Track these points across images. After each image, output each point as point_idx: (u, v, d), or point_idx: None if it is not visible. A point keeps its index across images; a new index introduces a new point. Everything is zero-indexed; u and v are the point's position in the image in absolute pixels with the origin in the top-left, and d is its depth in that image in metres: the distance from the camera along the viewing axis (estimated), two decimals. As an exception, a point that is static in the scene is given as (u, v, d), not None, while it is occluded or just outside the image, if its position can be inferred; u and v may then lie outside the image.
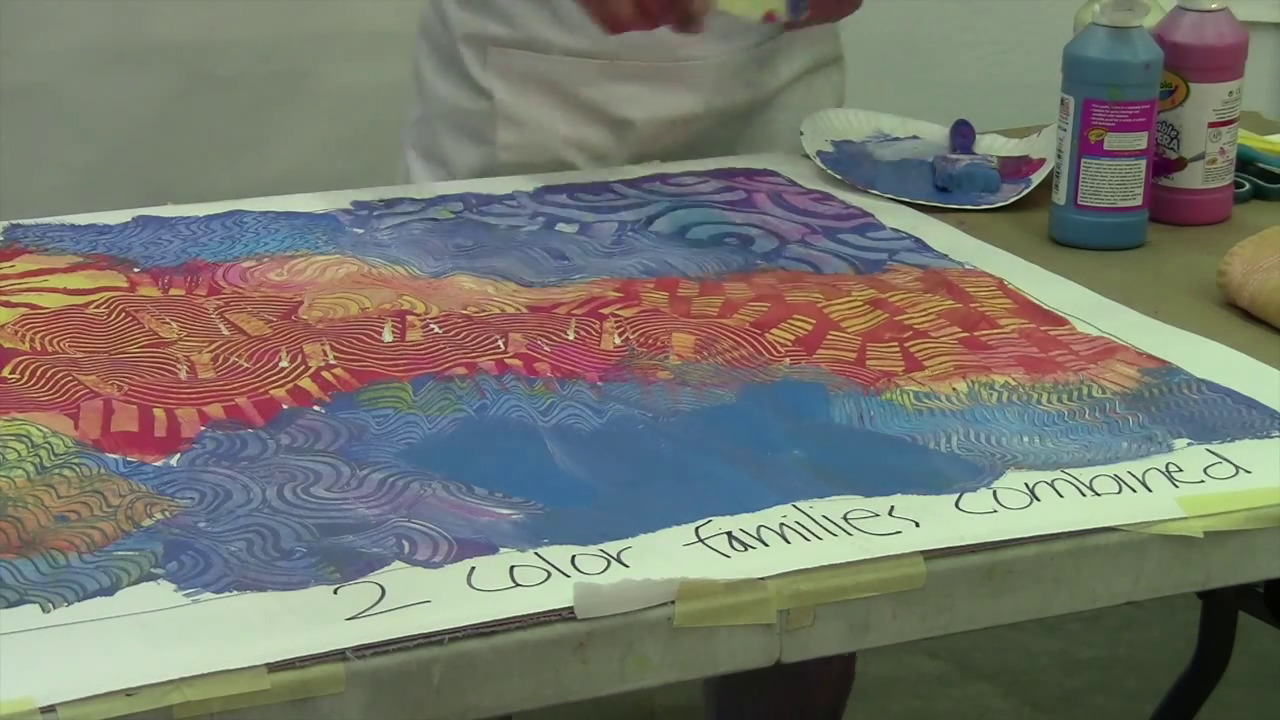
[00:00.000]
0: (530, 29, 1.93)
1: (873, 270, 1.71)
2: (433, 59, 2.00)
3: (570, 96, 1.94)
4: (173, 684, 1.10)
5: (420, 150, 2.00)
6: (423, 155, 2.00)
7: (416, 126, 2.02)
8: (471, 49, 1.95)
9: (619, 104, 1.94)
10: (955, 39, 3.48)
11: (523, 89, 1.94)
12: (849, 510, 1.30)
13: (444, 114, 1.98)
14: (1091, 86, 1.78)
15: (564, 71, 1.93)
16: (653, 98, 1.94)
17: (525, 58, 1.93)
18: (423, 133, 2.00)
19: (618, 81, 1.93)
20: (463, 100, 1.96)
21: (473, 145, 1.96)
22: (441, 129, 1.98)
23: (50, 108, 3.26)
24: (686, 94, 1.95)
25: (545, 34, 1.92)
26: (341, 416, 1.42)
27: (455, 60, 1.96)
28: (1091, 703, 2.90)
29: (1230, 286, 1.66)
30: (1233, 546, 1.32)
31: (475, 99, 1.95)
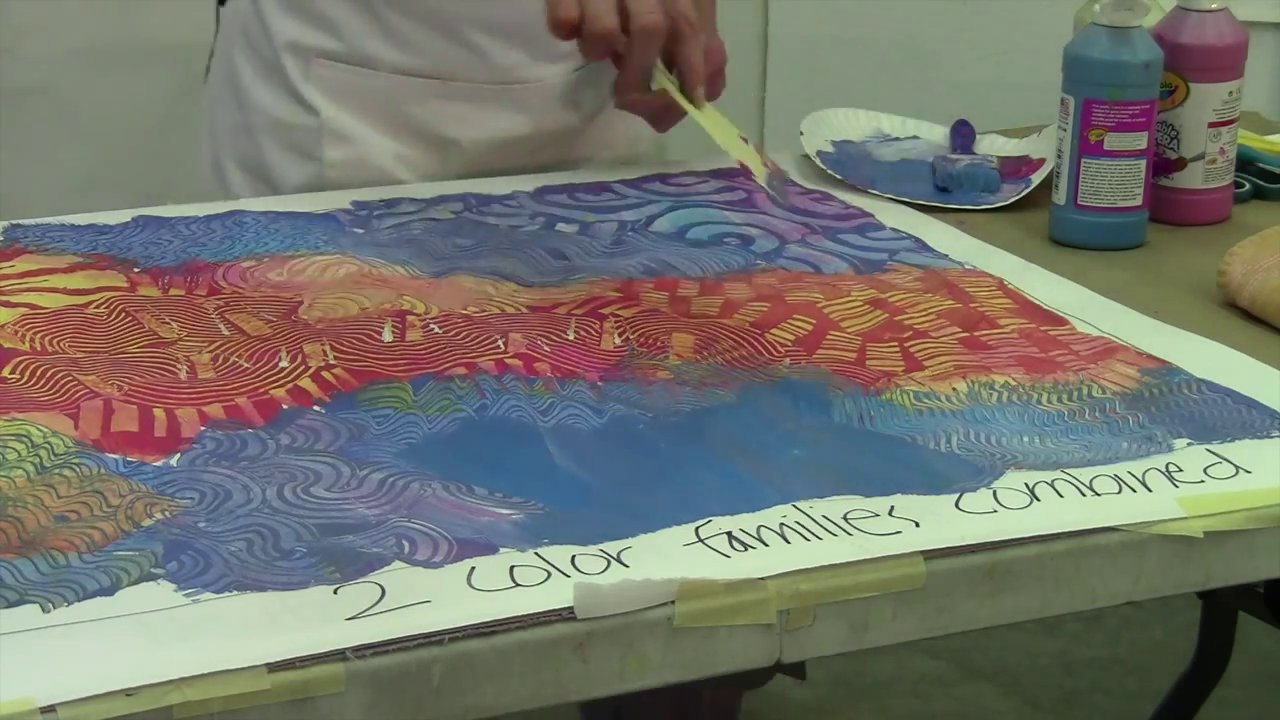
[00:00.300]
0: (358, 44, 1.86)
1: (873, 270, 1.71)
2: (252, 65, 1.91)
3: (397, 114, 1.88)
4: (173, 684, 1.10)
5: (239, 161, 1.92)
6: (242, 167, 1.92)
7: (234, 135, 1.92)
8: (294, 59, 1.88)
9: (446, 124, 1.89)
10: (955, 39, 3.48)
11: (348, 105, 1.87)
12: (849, 510, 1.30)
13: (266, 126, 1.90)
14: (1091, 86, 1.78)
15: (392, 89, 1.87)
16: (481, 118, 1.89)
17: (352, 73, 1.87)
18: (243, 143, 1.92)
19: (446, 101, 1.88)
20: (286, 113, 1.89)
21: (299, 161, 1.89)
22: (265, 142, 1.90)
23: (50, 108, 3.26)
24: (515, 115, 1.91)
25: (374, 50, 1.87)
26: (341, 416, 1.42)
27: (276, 69, 1.89)
28: (1091, 703, 2.90)
29: (1230, 286, 1.66)
30: (1233, 546, 1.32)
31: (300, 113, 1.88)
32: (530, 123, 1.92)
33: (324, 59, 1.87)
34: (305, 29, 1.87)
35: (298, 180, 1.88)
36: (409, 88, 1.88)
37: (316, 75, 1.87)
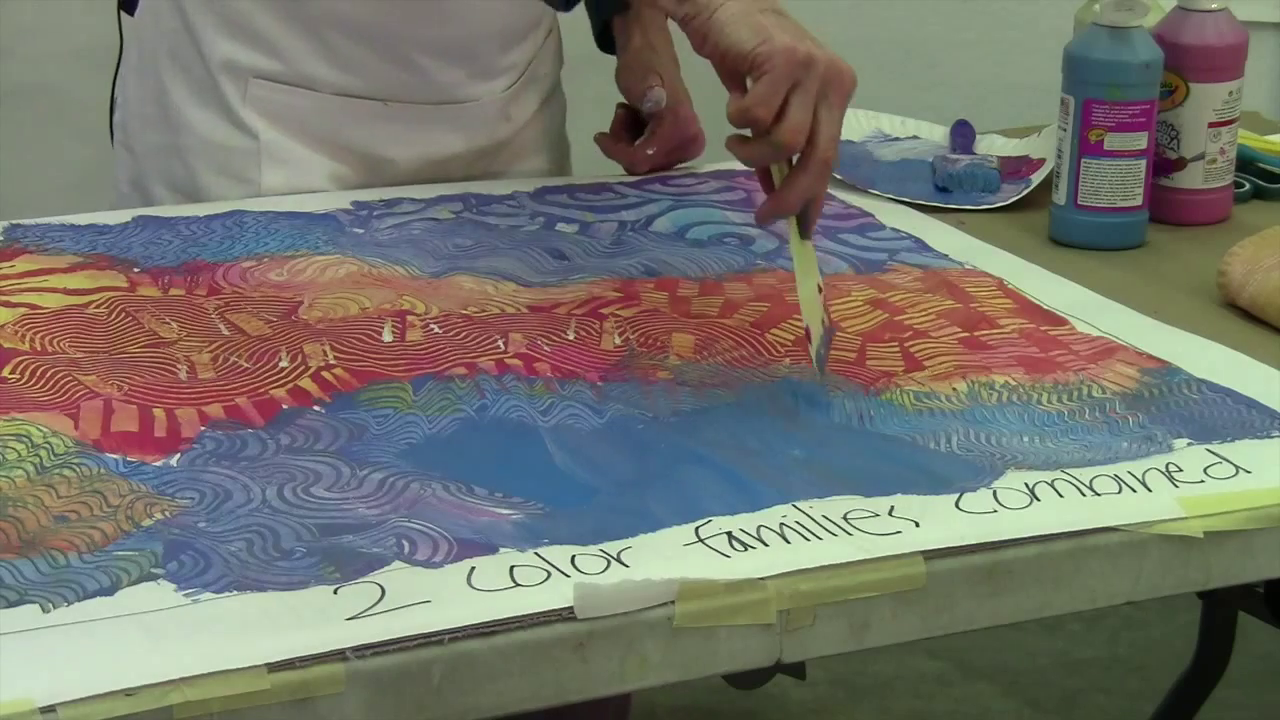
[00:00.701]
0: (299, 65, 1.83)
1: (873, 270, 1.71)
2: (183, 85, 1.85)
3: (336, 135, 1.86)
4: (173, 684, 1.10)
5: (168, 183, 1.87)
6: (171, 188, 1.87)
7: (162, 156, 1.87)
8: (231, 80, 1.83)
9: (384, 143, 1.87)
10: (955, 39, 3.48)
11: (285, 126, 1.84)
12: (849, 510, 1.30)
13: (198, 148, 1.85)
14: (1091, 86, 1.78)
15: (331, 110, 1.85)
16: (417, 137, 1.88)
17: (290, 93, 1.84)
18: (172, 164, 1.87)
19: (385, 121, 1.86)
20: (222, 135, 1.84)
21: (233, 185, 1.85)
22: (197, 164, 1.85)
23: (50, 108, 3.26)
24: (451, 133, 1.89)
25: (315, 71, 1.83)
26: (341, 416, 1.42)
27: (210, 89, 1.84)
28: (1091, 703, 2.90)
29: (1230, 286, 1.66)
30: (1233, 546, 1.32)
31: (236, 135, 1.84)
32: (465, 140, 1.91)
33: (262, 79, 1.83)
34: (243, 49, 1.83)
35: None
36: (349, 108, 1.85)
37: (254, 96, 1.84)
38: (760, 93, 1.44)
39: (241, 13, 1.82)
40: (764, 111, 1.44)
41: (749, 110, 1.44)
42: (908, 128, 2.10)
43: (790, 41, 1.45)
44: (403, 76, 1.85)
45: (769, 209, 1.51)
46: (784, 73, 1.44)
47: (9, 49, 3.20)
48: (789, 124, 1.44)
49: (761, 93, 1.44)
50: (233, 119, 1.84)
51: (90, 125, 3.29)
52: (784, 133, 1.44)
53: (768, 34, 1.45)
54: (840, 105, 1.47)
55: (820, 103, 1.46)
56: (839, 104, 1.47)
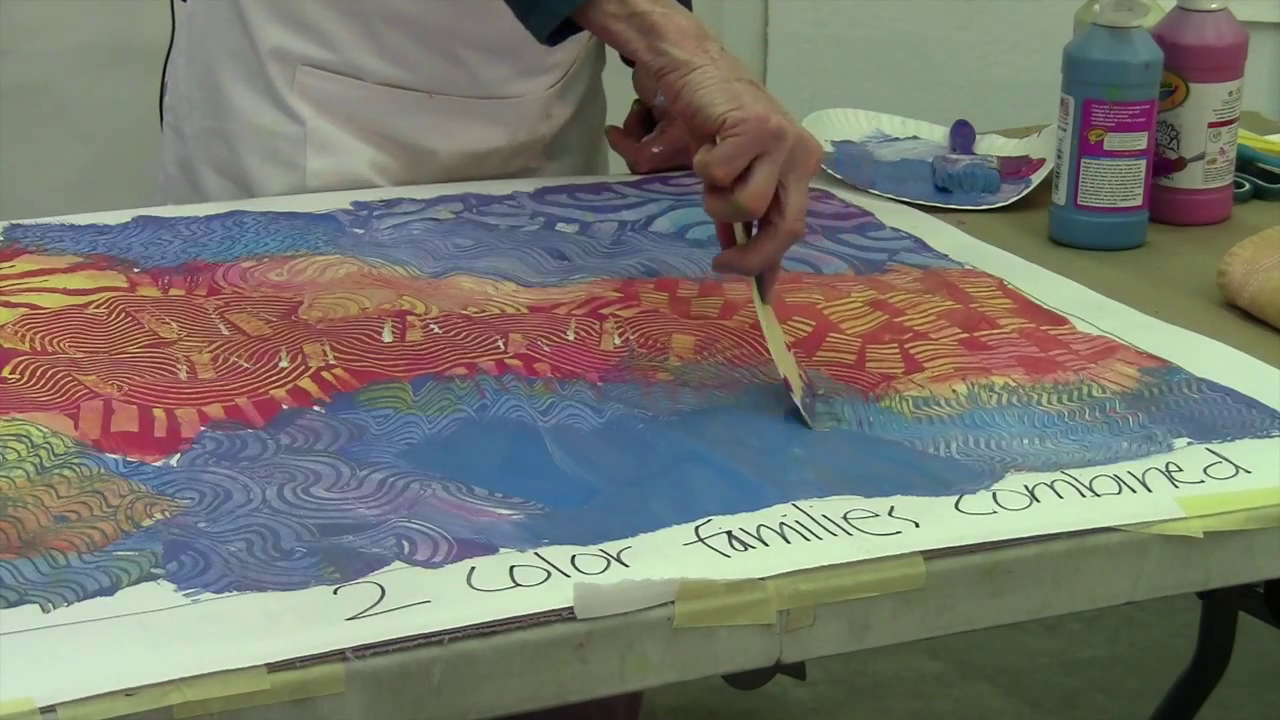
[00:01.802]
0: (348, 54, 1.86)
1: (872, 270, 1.71)
2: (232, 71, 1.88)
3: (380, 125, 1.88)
4: (173, 684, 1.10)
5: (215, 166, 1.90)
6: (219, 172, 1.90)
7: (209, 140, 1.91)
8: (280, 66, 1.86)
9: (426, 135, 1.89)
10: (955, 39, 3.48)
11: (331, 114, 1.87)
12: (849, 510, 1.30)
13: (246, 133, 1.88)
14: (1091, 86, 1.78)
15: (377, 100, 1.87)
16: (459, 130, 1.90)
17: (338, 82, 1.87)
18: (219, 148, 1.90)
19: (430, 114, 1.88)
20: (268, 120, 1.87)
21: (280, 170, 1.88)
22: (244, 149, 1.88)
23: (50, 108, 3.26)
24: (491, 127, 1.91)
25: (364, 61, 1.86)
26: (341, 416, 1.42)
27: (259, 75, 1.87)
28: (1091, 703, 2.90)
29: (1230, 286, 1.66)
30: (1233, 546, 1.32)
31: (283, 121, 1.87)
32: (506, 135, 1.92)
33: (311, 67, 1.86)
34: (293, 37, 1.86)
35: (278, 188, 1.87)
36: (395, 99, 1.87)
37: (302, 83, 1.86)
38: (723, 153, 1.45)
39: (292, 2, 1.85)
40: (722, 171, 1.45)
41: (708, 166, 1.46)
42: (908, 128, 2.10)
43: (763, 111, 1.46)
44: (449, 70, 1.87)
45: (726, 262, 1.52)
46: (752, 139, 1.45)
47: (9, 49, 3.21)
48: (752, 189, 1.45)
49: (724, 153, 1.45)
50: (280, 105, 1.87)
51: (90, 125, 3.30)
52: (746, 196, 1.45)
53: (741, 101, 1.46)
54: (806, 178, 1.48)
55: (789, 174, 1.47)
56: (805, 177, 1.48)
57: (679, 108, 1.49)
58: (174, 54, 1.97)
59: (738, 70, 1.49)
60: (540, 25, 1.61)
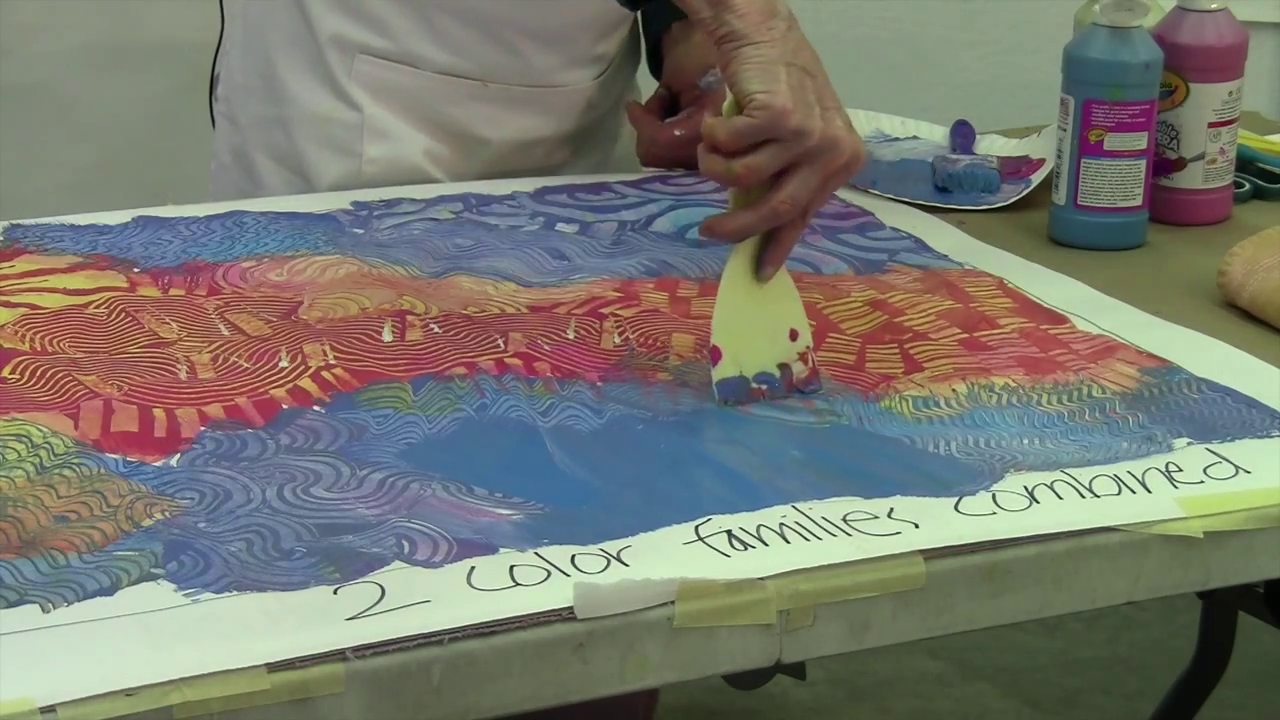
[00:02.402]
0: (406, 43, 1.88)
1: (872, 271, 1.71)
2: (290, 58, 1.91)
3: (434, 113, 1.90)
4: (173, 684, 1.10)
5: (271, 154, 1.93)
6: (274, 159, 1.93)
7: (266, 128, 1.93)
8: (338, 54, 1.89)
9: (477, 123, 1.92)
10: (955, 39, 3.48)
11: (388, 101, 1.89)
12: (848, 512, 1.30)
13: (303, 120, 1.90)
14: (1091, 86, 1.78)
15: (433, 89, 1.90)
16: (510, 119, 1.92)
17: (395, 70, 1.89)
18: (276, 136, 1.92)
19: (483, 102, 1.91)
20: (326, 108, 1.90)
21: (336, 157, 1.90)
22: (301, 136, 1.91)
23: (50, 108, 3.26)
24: (540, 117, 1.94)
25: (421, 49, 1.88)
26: (341, 416, 1.42)
27: (318, 63, 1.89)
28: (1091, 703, 2.90)
29: (1230, 286, 1.66)
30: (1233, 546, 1.32)
31: (341, 108, 1.89)
32: (554, 124, 1.95)
33: (369, 55, 1.89)
34: (352, 25, 1.88)
35: (334, 175, 1.90)
36: (450, 87, 1.90)
37: (360, 71, 1.89)
38: (736, 126, 1.43)
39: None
40: (726, 141, 1.43)
41: (715, 130, 1.43)
42: (908, 128, 2.10)
43: (790, 105, 1.42)
44: (503, 58, 1.89)
45: (709, 224, 1.49)
46: (765, 127, 1.42)
47: (9, 49, 3.21)
48: (749, 160, 1.43)
49: (737, 127, 1.43)
50: (338, 92, 1.89)
51: (90, 125, 3.30)
52: (740, 165, 1.43)
53: (775, 87, 1.43)
54: (823, 176, 1.45)
55: (802, 166, 1.44)
56: (820, 175, 1.45)
57: (725, 77, 1.47)
58: (226, 45, 1.99)
59: (795, 55, 1.45)
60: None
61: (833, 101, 1.46)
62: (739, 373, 1.46)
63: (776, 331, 1.48)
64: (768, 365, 1.47)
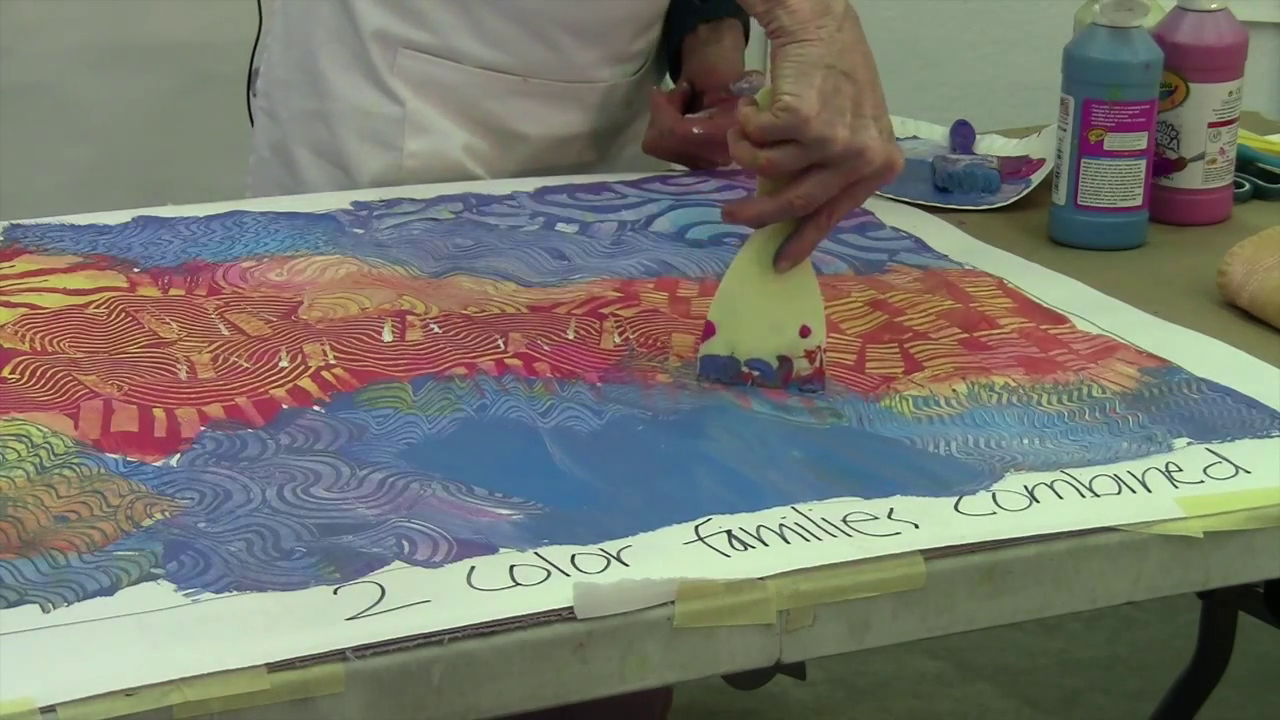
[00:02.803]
0: (449, 37, 1.90)
1: (872, 271, 1.71)
2: (333, 52, 1.92)
3: (475, 108, 1.92)
4: (173, 684, 1.10)
5: (313, 147, 1.95)
6: (316, 153, 1.94)
7: (307, 121, 1.95)
8: (381, 48, 1.90)
9: (517, 119, 1.93)
10: (955, 39, 3.48)
11: (430, 96, 1.90)
12: (848, 512, 1.30)
13: (345, 114, 1.92)
14: (1091, 86, 1.78)
15: (474, 83, 1.91)
16: (548, 114, 1.94)
17: (438, 65, 1.90)
18: (317, 130, 1.94)
19: (523, 98, 1.92)
20: (368, 102, 1.91)
21: (378, 150, 1.91)
22: (342, 130, 1.92)
23: (50, 108, 3.26)
24: (578, 112, 1.95)
25: (463, 44, 1.90)
26: (341, 416, 1.42)
27: (360, 57, 1.91)
28: (1091, 703, 2.90)
29: (1230, 286, 1.66)
30: (1233, 546, 1.32)
31: (383, 102, 1.91)
32: (591, 120, 1.97)
33: (412, 50, 1.90)
34: (395, 20, 1.90)
35: (375, 169, 1.91)
36: (491, 83, 1.91)
37: (403, 66, 1.90)
38: (764, 123, 1.42)
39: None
40: (755, 135, 1.43)
41: (747, 121, 1.43)
42: (908, 128, 2.10)
43: (814, 112, 1.42)
44: (544, 54, 1.91)
45: (728, 207, 1.50)
46: (784, 128, 1.42)
47: (9, 49, 3.21)
48: (769, 155, 1.43)
49: (765, 125, 1.42)
50: (381, 86, 1.91)
51: (90, 125, 3.30)
52: (764, 157, 1.43)
53: (805, 93, 1.42)
54: (844, 182, 1.44)
55: (823, 169, 1.43)
56: (843, 181, 1.44)
57: (770, 70, 1.46)
58: (267, 40, 2.01)
59: (839, 57, 1.44)
60: None
61: (871, 109, 1.45)
62: (730, 353, 1.47)
63: (785, 324, 1.48)
64: (765, 354, 1.48)
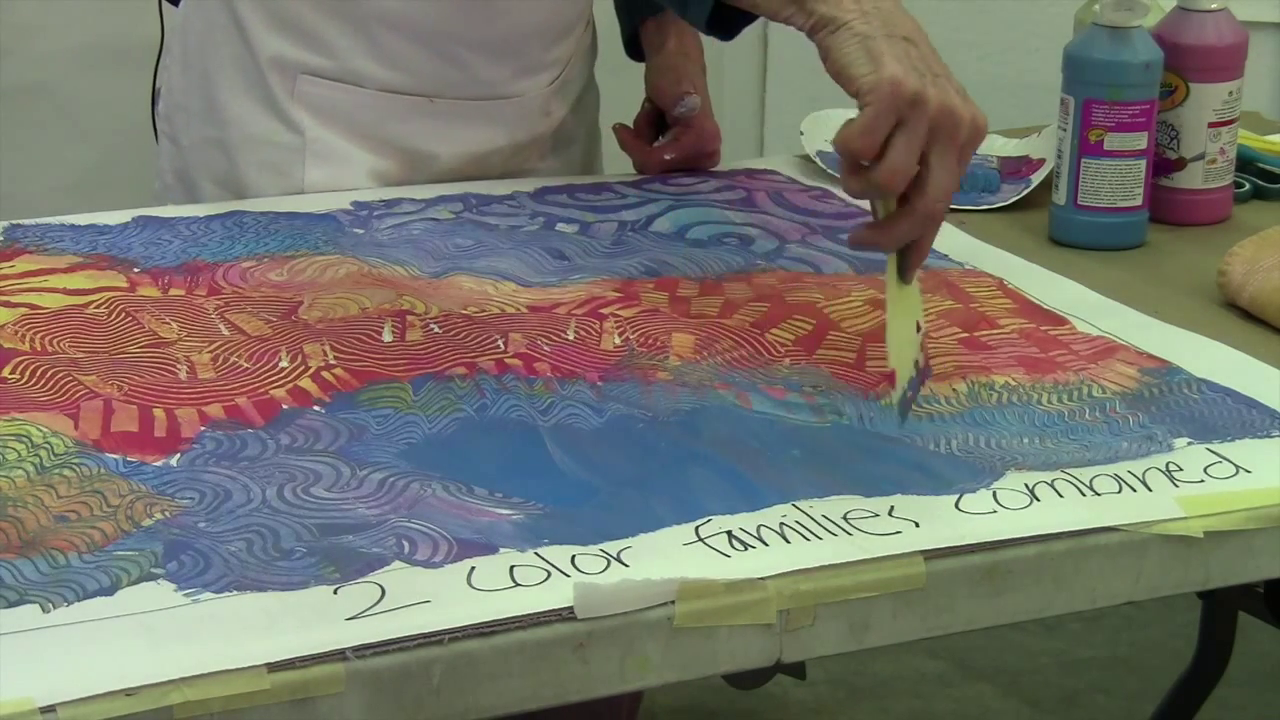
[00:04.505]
0: (348, 61, 1.84)
1: (873, 270, 1.71)
2: (229, 79, 1.86)
3: (380, 131, 1.87)
4: (173, 684, 1.10)
5: (212, 177, 1.88)
6: (215, 182, 1.88)
7: (206, 150, 1.88)
8: (279, 75, 1.84)
9: (427, 139, 1.88)
10: (955, 39, 3.48)
11: (331, 122, 1.85)
12: (849, 510, 1.30)
13: (243, 142, 1.86)
14: (1091, 86, 1.78)
15: (377, 107, 1.85)
16: (460, 133, 1.88)
17: (338, 89, 1.85)
18: (216, 158, 1.88)
19: (430, 118, 1.87)
20: (265, 129, 1.85)
21: (276, 180, 1.86)
22: (242, 160, 1.86)
23: (50, 108, 3.26)
24: (492, 128, 1.90)
25: (363, 67, 1.84)
26: (341, 416, 1.42)
27: (257, 84, 1.85)
28: (1091, 703, 2.90)
29: (1230, 286, 1.66)
30: (1233, 546, 1.32)
31: (281, 130, 1.85)
32: (507, 135, 1.92)
33: (310, 75, 1.84)
34: (292, 45, 1.84)
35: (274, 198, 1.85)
36: (395, 105, 1.86)
37: (302, 92, 1.84)
38: (861, 123, 1.38)
39: (291, 10, 1.84)
40: (861, 143, 1.38)
41: (848, 140, 1.38)
42: (908, 128, 2.10)
43: (900, 74, 1.37)
44: (450, 73, 1.86)
45: (863, 238, 1.45)
46: (887, 106, 1.37)
47: (9, 49, 3.21)
48: (887, 164, 1.38)
49: (863, 123, 1.38)
50: (279, 114, 1.85)
51: (90, 125, 3.30)
52: (882, 173, 1.38)
53: (880, 62, 1.38)
54: (953, 153, 1.39)
55: (932, 147, 1.38)
56: (953, 151, 1.39)
57: (829, 69, 1.42)
58: (167, 60, 1.95)
59: (891, 24, 1.41)
60: (698, 13, 1.54)
61: (941, 68, 1.41)
62: (906, 386, 1.41)
63: (913, 331, 1.45)
64: (912, 368, 1.43)
